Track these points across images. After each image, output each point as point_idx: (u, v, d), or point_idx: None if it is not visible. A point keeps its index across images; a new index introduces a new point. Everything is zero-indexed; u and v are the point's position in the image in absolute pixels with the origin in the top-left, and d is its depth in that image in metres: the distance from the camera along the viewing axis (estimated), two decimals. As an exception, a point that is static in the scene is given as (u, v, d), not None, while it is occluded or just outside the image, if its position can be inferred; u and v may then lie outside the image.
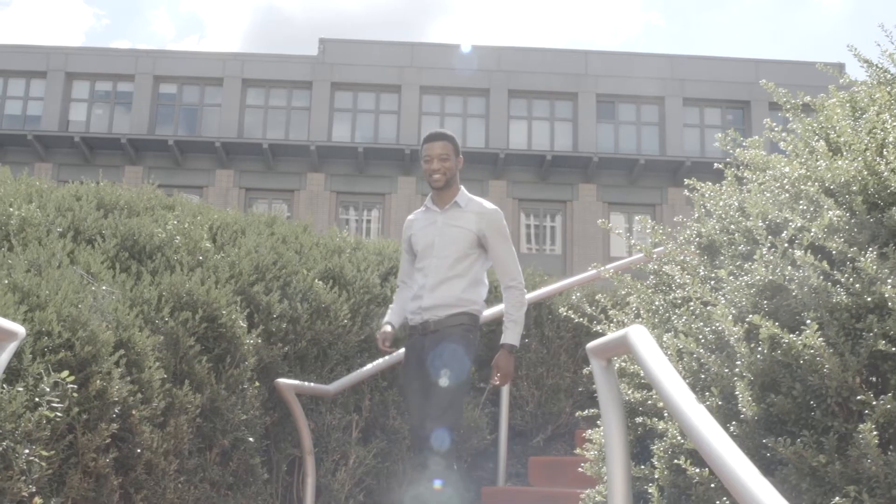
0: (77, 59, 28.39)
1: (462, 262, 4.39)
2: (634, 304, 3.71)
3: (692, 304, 2.96)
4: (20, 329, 2.85)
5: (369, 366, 5.21)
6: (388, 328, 4.55)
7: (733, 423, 2.50)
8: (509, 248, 4.45)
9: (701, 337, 2.78)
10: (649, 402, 3.04)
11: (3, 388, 3.06)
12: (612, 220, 26.68)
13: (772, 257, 2.65)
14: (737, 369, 2.55)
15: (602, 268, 4.21)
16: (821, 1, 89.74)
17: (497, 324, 6.23)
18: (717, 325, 2.68)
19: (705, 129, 28.27)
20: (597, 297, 4.98)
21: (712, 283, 3.06)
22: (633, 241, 3.66)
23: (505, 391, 5.90)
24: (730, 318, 2.54)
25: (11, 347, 2.79)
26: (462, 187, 4.53)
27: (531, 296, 6.45)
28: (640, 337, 2.52)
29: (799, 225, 2.67)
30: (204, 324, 4.31)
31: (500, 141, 27.57)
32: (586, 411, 4.01)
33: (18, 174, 5.91)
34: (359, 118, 28.25)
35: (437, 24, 76.84)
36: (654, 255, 3.61)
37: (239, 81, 28.19)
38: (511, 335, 4.37)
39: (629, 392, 3.16)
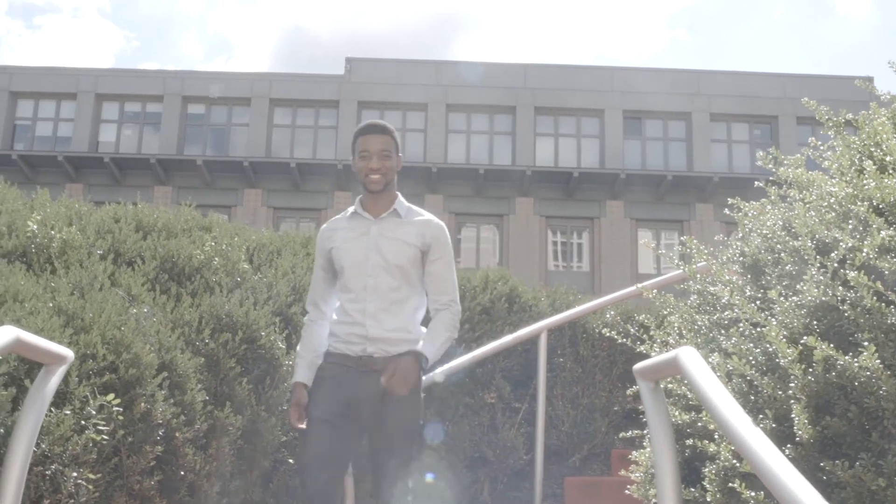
0: (106, 80, 28.70)
1: (406, 286, 3.54)
2: (677, 324, 3.69)
3: (741, 325, 2.93)
4: (69, 353, 2.87)
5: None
6: (304, 395, 3.47)
7: (788, 445, 2.47)
8: (452, 266, 3.64)
9: (752, 358, 2.75)
10: (699, 424, 3.01)
11: (51, 411, 3.08)
12: (639, 237, 26.58)
13: (822, 277, 2.63)
14: (790, 391, 2.52)
15: (641, 285, 4.19)
16: (847, 14, 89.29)
17: (531, 343, 6.23)
18: (768, 346, 2.65)
19: (732, 144, 28.10)
20: (640, 318, 4.90)
21: (758, 302, 3.03)
22: (676, 260, 3.62)
23: (541, 411, 5.85)
24: (782, 339, 2.51)
25: (61, 371, 2.81)
26: (399, 194, 3.67)
27: (570, 312, 6.42)
28: (692, 359, 2.49)
29: (850, 245, 2.65)
30: (244, 345, 4.33)
31: (527, 158, 27.54)
32: (629, 432, 3.98)
33: (54, 196, 5.97)
34: (385, 137, 28.27)
35: (463, 42, 77.10)
36: (698, 275, 3.59)
37: (266, 101, 28.36)
38: (430, 348, 3.44)
39: (676, 414, 3.13)
